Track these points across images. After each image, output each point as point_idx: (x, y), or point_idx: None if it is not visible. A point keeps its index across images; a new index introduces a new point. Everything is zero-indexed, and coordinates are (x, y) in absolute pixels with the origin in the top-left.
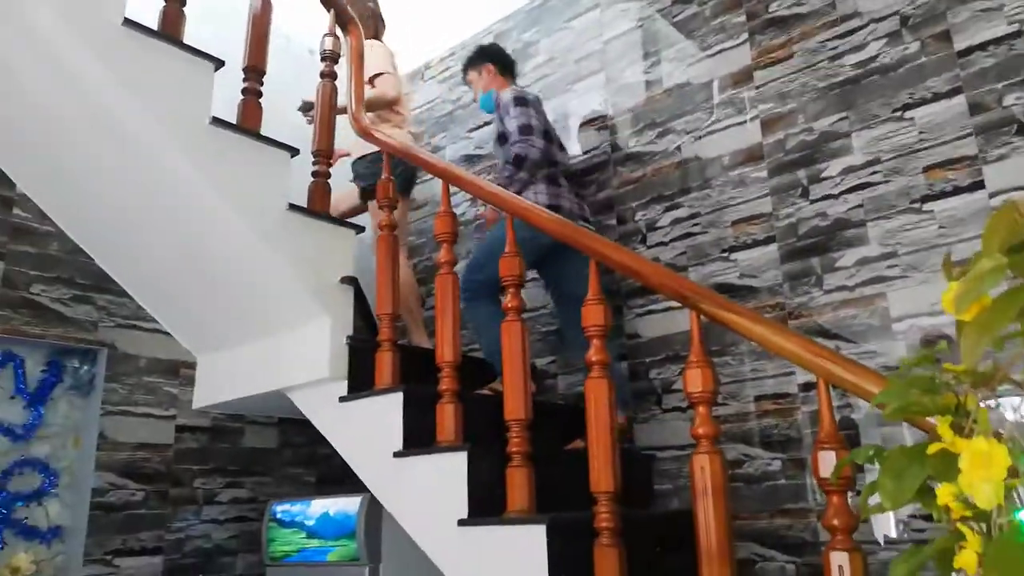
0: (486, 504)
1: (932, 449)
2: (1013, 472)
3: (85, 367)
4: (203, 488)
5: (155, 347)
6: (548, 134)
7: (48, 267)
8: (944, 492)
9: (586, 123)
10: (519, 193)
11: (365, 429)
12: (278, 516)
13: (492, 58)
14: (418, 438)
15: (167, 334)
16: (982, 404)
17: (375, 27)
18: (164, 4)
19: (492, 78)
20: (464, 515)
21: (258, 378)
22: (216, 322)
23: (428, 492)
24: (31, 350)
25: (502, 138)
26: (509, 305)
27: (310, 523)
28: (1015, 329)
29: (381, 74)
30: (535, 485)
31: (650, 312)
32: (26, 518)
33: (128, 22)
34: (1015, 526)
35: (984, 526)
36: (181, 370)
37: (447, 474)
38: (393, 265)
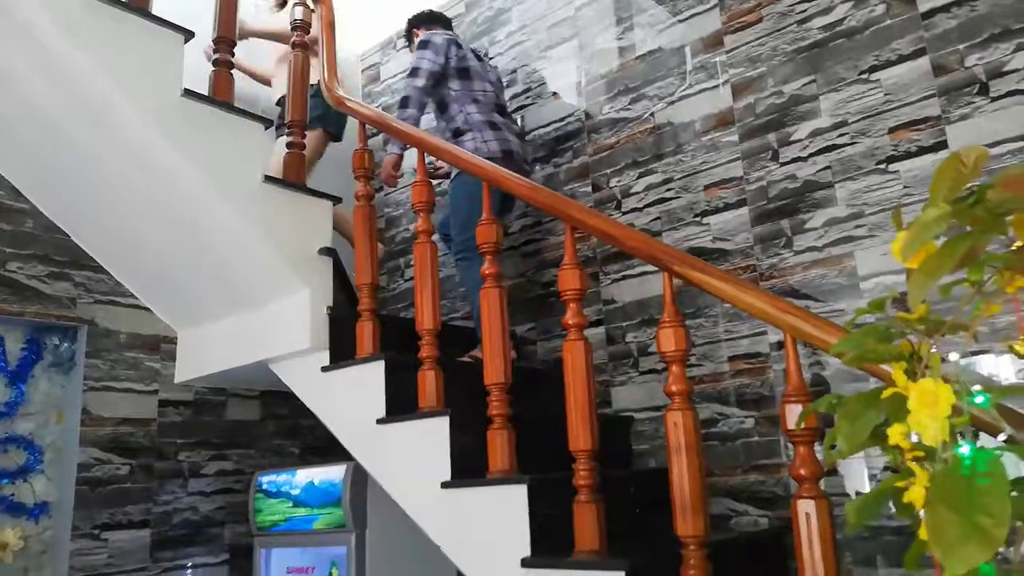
0: (468, 467)
1: (886, 394)
2: (957, 411)
3: (65, 344)
4: (188, 461)
5: (135, 322)
6: (466, 71)
7: (24, 244)
8: (894, 432)
9: (560, 91)
10: (464, 136)
11: (348, 398)
12: (264, 487)
13: (416, 23)
14: (400, 405)
15: (147, 309)
16: (935, 350)
17: None
18: None
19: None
20: (447, 478)
21: (240, 351)
22: (196, 296)
23: (411, 457)
24: (10, 328)
25: None
26: (487, 272)
27: (296, 492)
28: (962, 277)
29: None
30: (517, 448)
31: (625, 278)
32: (12, 495)
33: None
34: (958, 460)
35: (931, 463)
36: (162, 345)
37: (430, 438)
38: (371, 236)
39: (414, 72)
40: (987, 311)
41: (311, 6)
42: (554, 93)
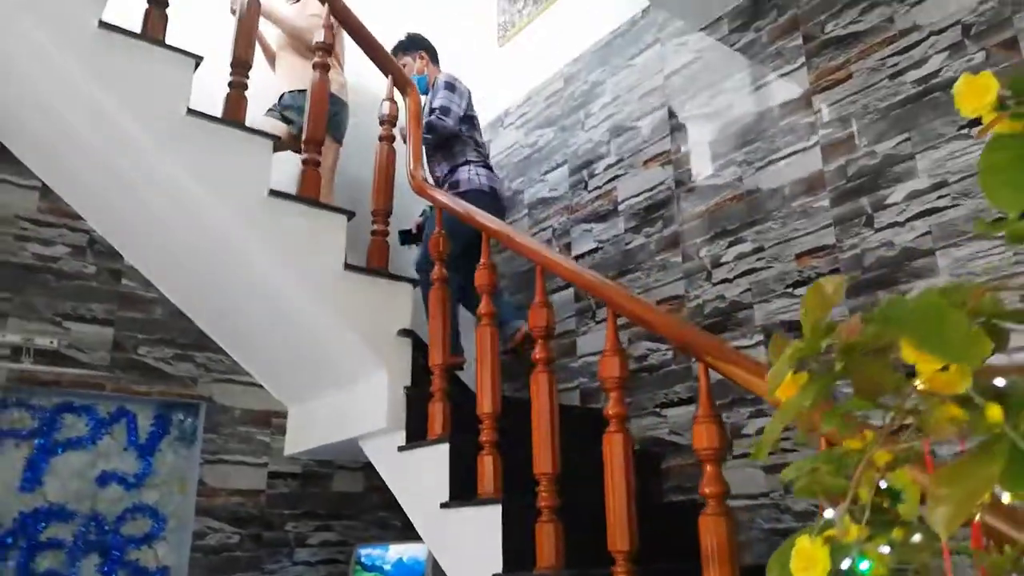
0: (520, 559)
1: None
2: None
3: (188, 419)
4: (294, 531)
5: (249, 399)
6: (472, 120)
7: (153, 330)
8: None
9: (650, 159)
10: (460, 167)
11: (418, 478)
12: (362, 560)
13: (426, 47)
14: (464, 489)
15: (260, 386)
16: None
17: None
18: (228, 92)
19: (425, 64)
20: (499, 570)
21: (336, 427)
22: (299, 374)
23: (467, 543)
24: (141, 406)
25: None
26: (483, 311)
27: (388, 568)
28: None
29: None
30: (566, 539)
31: None
32: (138, 559)
33: (192, 112)
34: None
35: None
36: (272, 420)
37: (484, 527)
38: (444, 316)
39: (445, 112)
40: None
41: (398, 100)
42: (645, 162)
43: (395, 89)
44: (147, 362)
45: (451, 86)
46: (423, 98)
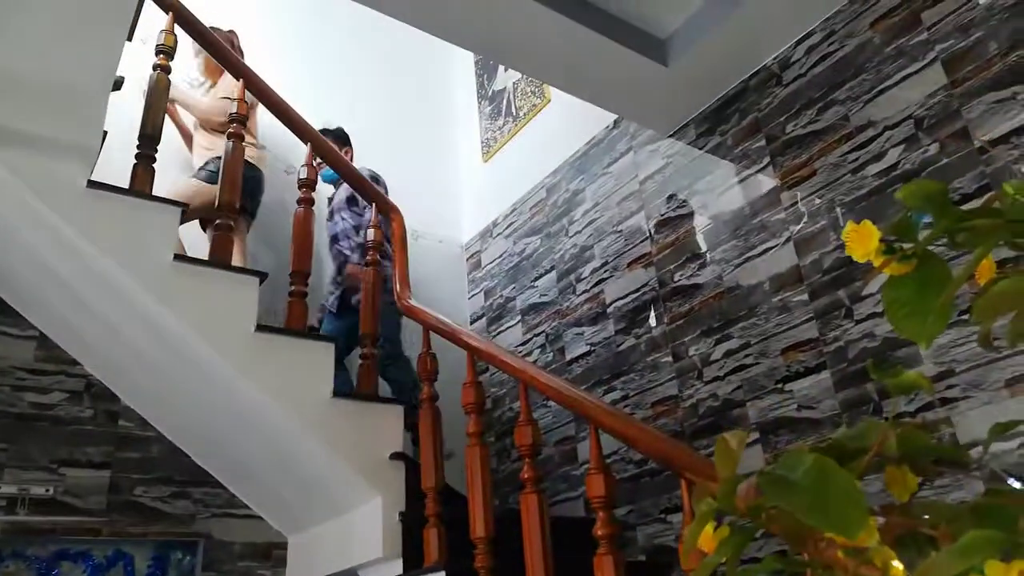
0: None
1: None
2: None
3: (187, 558)
4: None
5: (248, 532)
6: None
7: (150, 469)
8: None
9: (633, 261)
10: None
11: None
12: None
13: (332, 138)
14: None
15: (259, 517)
16: None
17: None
18: (213, 234)
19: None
20: None
21: (334, 557)
22: (297, 503)
23: None
24: (137, 547)
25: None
26: (471, 431)
27: None
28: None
29: (226, 98)
30: None
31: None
32: None
33: (178, 257)
34: None
35: None
36: (273, 552)
37: None
38: (435, 438)
39: (358, 230)
40: None
41: (382, 224)
42: (628, 264)
43: (379, 215)
44: (144, 502)
45: (355, 200)
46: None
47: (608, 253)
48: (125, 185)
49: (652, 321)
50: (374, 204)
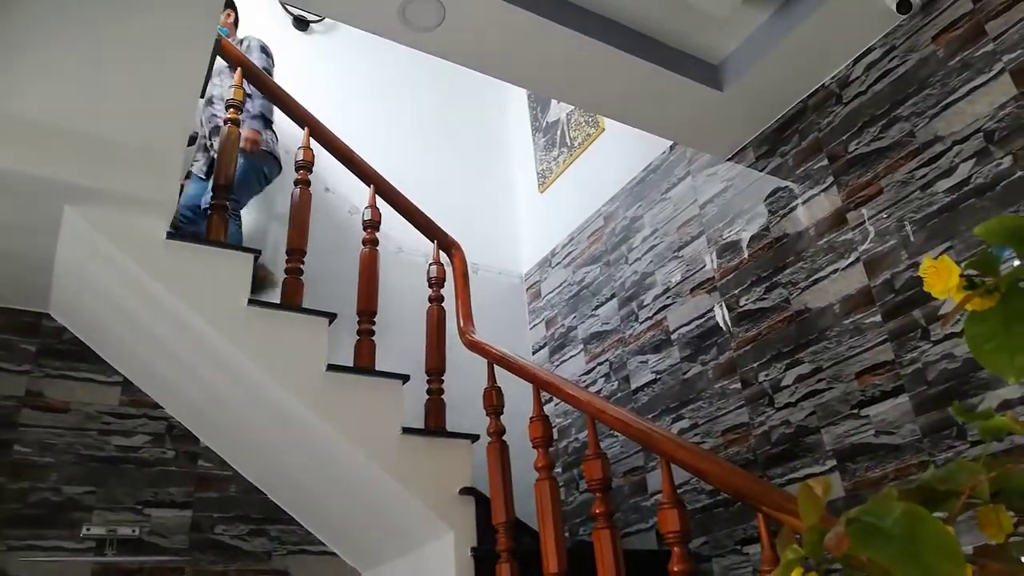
0: None
1: None
2: None
3: None
4: None
5: (323, 568)
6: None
7: (228, 508)
8: None
9: (696, 287)
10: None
11: None
12: None
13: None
14: None
15: (333, 554)
16: None
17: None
18: (285, 277)
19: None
20: None
21: None
22: (370, 539)
23: None
24: None
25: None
26: (539, 465)
27: None
28: None
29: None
30: None
31: (790, 482)
32: None
33: (251, 301)
34: None
35: None
36: None
37: None
38: (504, 472)
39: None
40: None
41: (444, 261)
42: (691, 290)
43: (440, 251)
44: (224, 540)
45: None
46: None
47: (670, 279)
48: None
49: (722, 322)
50: (435, 241)
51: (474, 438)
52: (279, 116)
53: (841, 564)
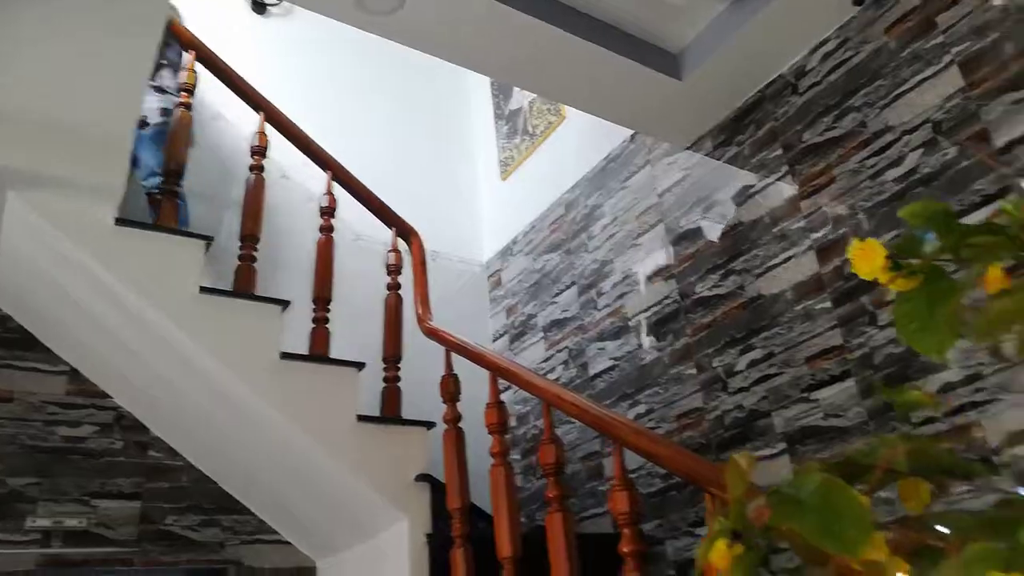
0: None
1: None
2: None
3: None
4: None
5: (277, 558)
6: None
7: (179, 498)
8: None
9: (654, 275)
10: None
11: None
12: None
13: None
14: None
15: (288, 543)
16: None
17: None
18: (238, 264)
19: None
20: None
21: None
22: (325, 528)
23: None
24: None
25: None
26: (495, 451)
27: None
28: None
29: None
30: None
31: None
32: None
33: (203, 289)
34: None
35: None
36: None
37: None
38: (459, 458)
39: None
40: None
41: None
42: (649, 277)
43: (398, 239)
44: (174, 531)
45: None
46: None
47: (628, 267)
48: None
49: (646, 342)
50: (394, 228)
51: (430, 425)
52: (234, 102)
53: (762, 535)
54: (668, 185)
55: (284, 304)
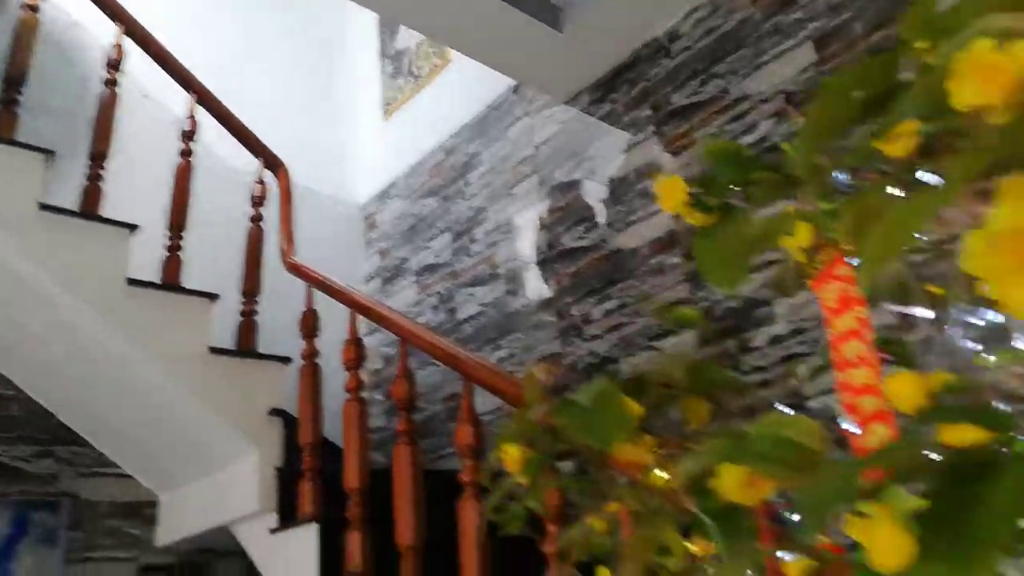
0: None
1: None
2: None
3: (50, 518)
4: None
5: (116, 491)
6: None
7: (10, 428)
8: None
9: (525, 225)
10: None
11: (290, 561)
12: None
13: None
14: (334, 568)
15: (129, 477)
16: None
17: None
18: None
19: None
20: None
21: (208, 513)
22: (170, 461)
23: None
24: None
25: None
26: (349, 387)
27: None
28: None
29: None
30: None
31: None
32: None
33: (44, 207)
34: None
35: None
36: (143, 511)
37: None
38: (314, 394)
39: None
40: None
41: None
42: (520, 228)
43: (264, 169)
44: (3, 461)
45: None
46: None
47: (501, 217)
48: None
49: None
50: (261, 159)
51: (287, 360)
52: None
53: (551, 440)
54: (545, 138)
55: (131, 228)
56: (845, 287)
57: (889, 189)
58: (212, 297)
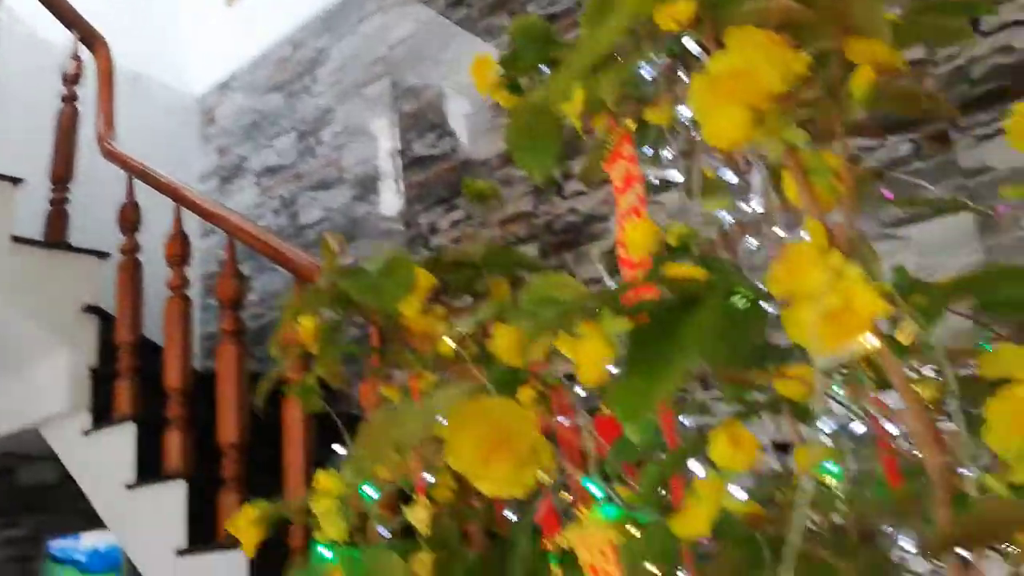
0: (207, 535)
1: None
2: None
3: None
4: None
5: None
6: None
7: None
8: None
9: (374, 130)
10: None
11: (105, 462)
12: (54, 553)
13: None
14: (150, 469)
15: None
16: None
17: None
18: None
19: None
20: (184, 545)
21: (13, 415)
22: None
23: (153, 523)
24: None
25: None
26: (173, 284)
27: (81, 559)
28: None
29: None
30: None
31: None
32: None
33: None
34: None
35: None
36: None
37: (169, 504)
38: (133, 291)
39: None
40: None
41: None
42: (369, 131)
43: (80, 44)
44: None
45: None
46: None
47: (351, 118)
48: None
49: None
50: (75, 31)
51: (104, 255)
52: None
53: (340, 308)
54: (401, 37)
55: None
56: (628, 166)
57: None
58: (15, 181)
